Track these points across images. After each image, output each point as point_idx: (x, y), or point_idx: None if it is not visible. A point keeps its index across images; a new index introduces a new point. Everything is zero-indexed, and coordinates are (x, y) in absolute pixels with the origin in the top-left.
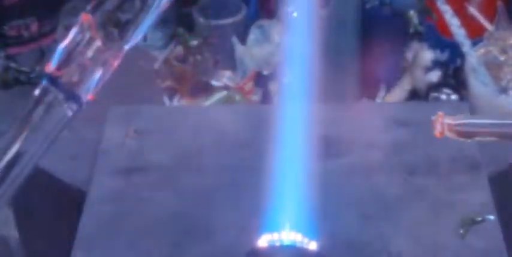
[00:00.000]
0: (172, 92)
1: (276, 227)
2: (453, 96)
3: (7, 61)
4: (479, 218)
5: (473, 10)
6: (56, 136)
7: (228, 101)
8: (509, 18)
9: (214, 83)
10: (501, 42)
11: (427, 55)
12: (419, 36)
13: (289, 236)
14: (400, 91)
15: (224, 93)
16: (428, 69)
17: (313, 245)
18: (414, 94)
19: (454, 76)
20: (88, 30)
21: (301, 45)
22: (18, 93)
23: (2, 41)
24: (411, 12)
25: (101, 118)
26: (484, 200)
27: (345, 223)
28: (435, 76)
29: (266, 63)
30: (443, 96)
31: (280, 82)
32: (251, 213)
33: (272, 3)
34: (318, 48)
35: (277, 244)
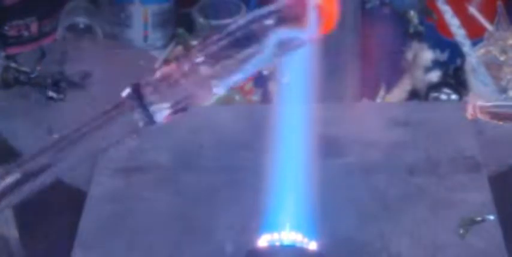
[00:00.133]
0: None
1: (276, 227)
2: (453, 96)
3: (7, 61)
4: (479, 218)
5: (473, 10)
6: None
7: (228, 101)
8: (509, 18)
9: None
10: (501, 42)
11: (427, 55)
12: (419, 36)
13: (289, 236)
14: (400, 91)
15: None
16: (428, 69)
17: (313, 245)
18: (414, 94)
19: (454, 76)
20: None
21: None
22: (18, 93)
23: (2, 41)
24: (411, 12)
25: None
26: (484, 200)
27: (345, 223)
28: (435, 76)
29: None
30: (443, 96)
31: (279, 82)
32: (251, 213)
33: (272, 3)
34: (318, 48)
35: (277, 244)
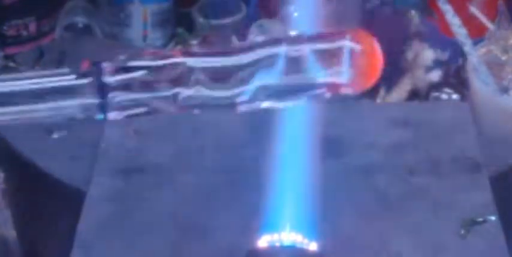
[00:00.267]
0: None
1: (276, 227)
2: (454, 95)
3: (6, 61)
4: (480, 218)
5: (474, 10)
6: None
7: None
8: (510, 17)
9: None
10: (502, 41)
11: (428, 55)
12: (420, 35)
13: (289, 236)
14: (400, 91)
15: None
16: (429, 68)
17: (313, 245)
18: (414, 94)
19: (455, 76)
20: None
21: None
22: None
23: (1, 41)
24: (412, 11)
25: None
26: (485, 200)
27: (345, 224)
28: (436, 76)
29: None
30: (444, 95)
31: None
32: (251, 213)
33: (272, 3)
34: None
35: (277, 245)
